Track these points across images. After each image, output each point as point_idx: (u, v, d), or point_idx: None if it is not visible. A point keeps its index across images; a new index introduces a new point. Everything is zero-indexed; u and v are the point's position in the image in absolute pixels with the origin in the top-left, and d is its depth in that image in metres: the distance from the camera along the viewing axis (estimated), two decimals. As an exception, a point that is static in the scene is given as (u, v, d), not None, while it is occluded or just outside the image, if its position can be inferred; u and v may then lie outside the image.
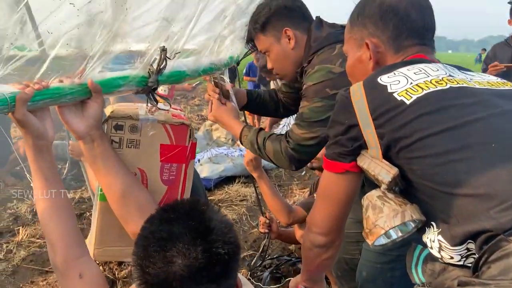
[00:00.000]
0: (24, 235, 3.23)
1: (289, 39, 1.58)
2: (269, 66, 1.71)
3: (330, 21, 1.62)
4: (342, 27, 1.59)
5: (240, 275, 0.98)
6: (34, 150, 1.01)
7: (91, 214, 3.53)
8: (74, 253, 0.99)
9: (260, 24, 1.58)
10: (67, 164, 4.32)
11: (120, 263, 2.80)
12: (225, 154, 4.72)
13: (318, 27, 1.59)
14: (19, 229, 3.31)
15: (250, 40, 1.68)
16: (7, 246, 3.09)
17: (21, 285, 2.69)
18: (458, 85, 0.95)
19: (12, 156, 4.37)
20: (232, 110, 1.67)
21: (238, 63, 1.94)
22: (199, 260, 0.80)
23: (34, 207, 3.66)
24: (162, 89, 3.99)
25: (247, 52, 1.96)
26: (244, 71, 7.15)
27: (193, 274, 0.80)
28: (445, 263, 0.94)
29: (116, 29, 1.04)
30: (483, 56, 6.07)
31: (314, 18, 1.64)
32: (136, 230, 1.13)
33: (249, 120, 5.92)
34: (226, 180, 4.40)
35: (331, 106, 1.14)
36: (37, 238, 3.21)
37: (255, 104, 1.94)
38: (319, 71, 1.47)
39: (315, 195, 2.41)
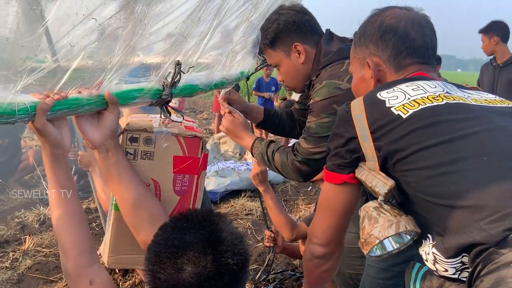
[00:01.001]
0: (31, 244, 3.25)
1: (299, 54, 1.61)
2: (279, 79, 1.75)
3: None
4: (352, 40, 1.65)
5: None
6: (51, 158, 1.04)
7: (97, 225, 3.55)
8: (85, 261, 1.01)
9: (269, 39, 1.60)
10: (76, 176, 4.40)
11: (124, 274, 2.81)
12: (232, 168, 4.74)
13: (328, 41, 1.61)
14: (25, 238, 3.33)
15: (261, 53, 1.71)
16: (13, 255, 3.10)
17: (26, 293, 2.70)
18: (455, 101, 0.98)
19: (21, 165, 4.42)
20: (244, 122, 1.71)
21: (248, 78, 1.98)
22: (208, 269, 0.82)
23: (41, 217, 3.69)
24: (173, 102, 4.05)
25: (258, 67, 2.00)
26: (254, 86, 7.23)
27: (201, 282, 0.82)
28: (441, 277, 0.95)
29: (134, 43, 1.08)
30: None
31: (324, 30, 1.67)
32: (146, 239, 1.15)
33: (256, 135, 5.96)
34: (232, 194, 4.41)
35: None
36: (43, 248, 3.23)
37: (271, 121, 1.96)
38: (327, 86, 1.50)
39: None
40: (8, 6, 0.79)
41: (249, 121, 1.82)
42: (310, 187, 4.75)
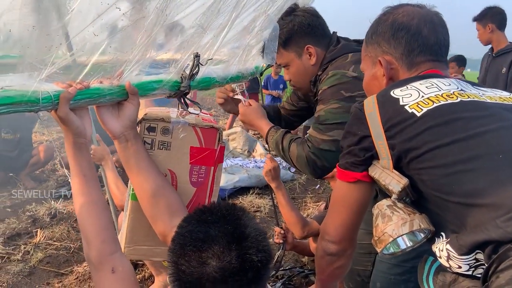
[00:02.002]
0: (42, 237, 3.28)
1: (310, 56, 1.64)
2: (287, 78, 1.77)
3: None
4: (355, 41, 1.68)
5: (268, 286, 0.99)
6: (73, 147, 1.05)
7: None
8: (108, 249, 1.01)
9: (283, 39, 1.63)
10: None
11: (134, 268, 2.82)
12: (240, 165, 4.74)
13: (336, 43, 1.65)
14: (37, 231, 3.37)
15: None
16: (24, 248, 3.14)
17: (37, 286, 2.73)
18: (469, 99, 0.98)
19: (32, 160, 4.46)
20: (259, 109, 1.72)
21: (261, 74, 1.99)
22: (233, 264, 0.82)
23: (52, 210, 3.73)
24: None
25: (268, 65, 2.01)
26: (262, 83, 7.22)
27: (225, 277, 0.82)
28: (454, 273, 0.95)
29: (155, 34, 1.09)
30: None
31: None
32: (164, 230, 1.16)
33: None
34: (240, 191, 4.41)
35: (347, 109, 1.18)
36: (54, 241, 3.26)
37: None
38: (334, 75, 1.52)
39: None
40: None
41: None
42: (318, 185, 4.74)
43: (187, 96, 1.33)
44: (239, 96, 1.79)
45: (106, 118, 1.14)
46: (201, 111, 1.36)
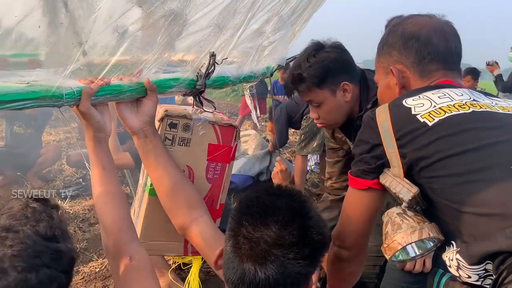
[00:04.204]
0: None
1: (344, 92, 1.61)
2: (314, 116, 1.70)
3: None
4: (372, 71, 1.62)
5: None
6: (94, 141, 1.09)
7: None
8: (125, 237, 1.04)
9: (318, 78, 1.59)
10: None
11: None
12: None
13: (363, 77, 1.64)
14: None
15: (298, 83, 1.65)
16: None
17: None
18: (481, 110, 0.98)
19: (40, 159, 4.50)
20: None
21: (271, 74, 2.01)
22: (294, 235, 0.83)
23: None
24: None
25: (276, 69, 2.02)
26: (269, 89, 7.22)
27: (284, 244, 0.83)
28: (464, 283, 0.95)
29: (174, 33, 1.12)
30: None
31: None
32: (183, 223, 1.18)
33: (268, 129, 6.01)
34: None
35: None
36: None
37: None
38: None
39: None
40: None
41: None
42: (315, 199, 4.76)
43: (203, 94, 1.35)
44: (248, 101, 1.81)
45: (126, 114, 1.17)
46: (215, 109, 1.39)
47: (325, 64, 1.58)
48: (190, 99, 1.40)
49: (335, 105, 1.63)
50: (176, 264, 2.43)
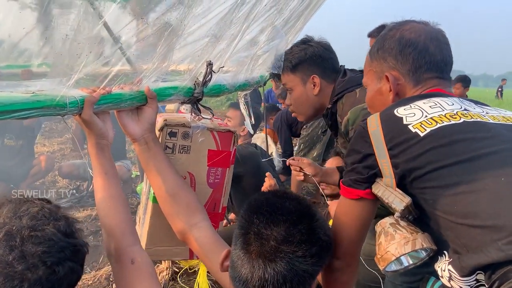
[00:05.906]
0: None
1: (314, 85, 1.72)
2: (288, 102, 1.86)
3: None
4: (361, 71, 1.69)
5: None
6: (96, 147, 1.12)
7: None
8: (127, 241, 1.06)
9: (292, 64, 1.72)
10: (87, 182, 4.47)
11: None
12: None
13: (343, 75, 1.73)
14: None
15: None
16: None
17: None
18: (472, 120, 0.98)
19: (33, 170, 4.48)
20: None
21: (265, 83, 2.06)
22: (303, 233, 0.88)
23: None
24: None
25: (272, 73, 2.08)
26: (262, 97, 7.27)
27: (293, 241, 0.87)
28: None
29: (172, 43, 1.16)
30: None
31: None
32: (183, 228, 1.21)
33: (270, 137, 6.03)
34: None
35: None
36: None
37: None
38: (353, 113, 1.57)
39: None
40: (71, 5, 0.87)
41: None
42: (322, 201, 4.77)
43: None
44: (243, 110, 1.86)
45: (126, 122, 1.21)
46: (213, 116, 1.42)
47: (302, 54, 1.70)
48: (183, 108, 1.45)
49: (304, 94, 1.74)
50: (183, 270, 2.44)
